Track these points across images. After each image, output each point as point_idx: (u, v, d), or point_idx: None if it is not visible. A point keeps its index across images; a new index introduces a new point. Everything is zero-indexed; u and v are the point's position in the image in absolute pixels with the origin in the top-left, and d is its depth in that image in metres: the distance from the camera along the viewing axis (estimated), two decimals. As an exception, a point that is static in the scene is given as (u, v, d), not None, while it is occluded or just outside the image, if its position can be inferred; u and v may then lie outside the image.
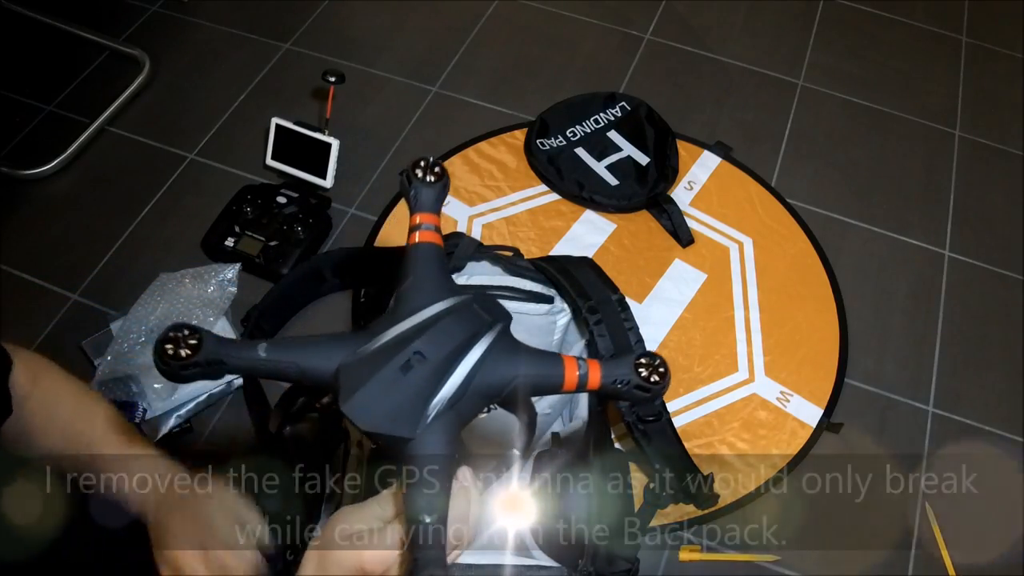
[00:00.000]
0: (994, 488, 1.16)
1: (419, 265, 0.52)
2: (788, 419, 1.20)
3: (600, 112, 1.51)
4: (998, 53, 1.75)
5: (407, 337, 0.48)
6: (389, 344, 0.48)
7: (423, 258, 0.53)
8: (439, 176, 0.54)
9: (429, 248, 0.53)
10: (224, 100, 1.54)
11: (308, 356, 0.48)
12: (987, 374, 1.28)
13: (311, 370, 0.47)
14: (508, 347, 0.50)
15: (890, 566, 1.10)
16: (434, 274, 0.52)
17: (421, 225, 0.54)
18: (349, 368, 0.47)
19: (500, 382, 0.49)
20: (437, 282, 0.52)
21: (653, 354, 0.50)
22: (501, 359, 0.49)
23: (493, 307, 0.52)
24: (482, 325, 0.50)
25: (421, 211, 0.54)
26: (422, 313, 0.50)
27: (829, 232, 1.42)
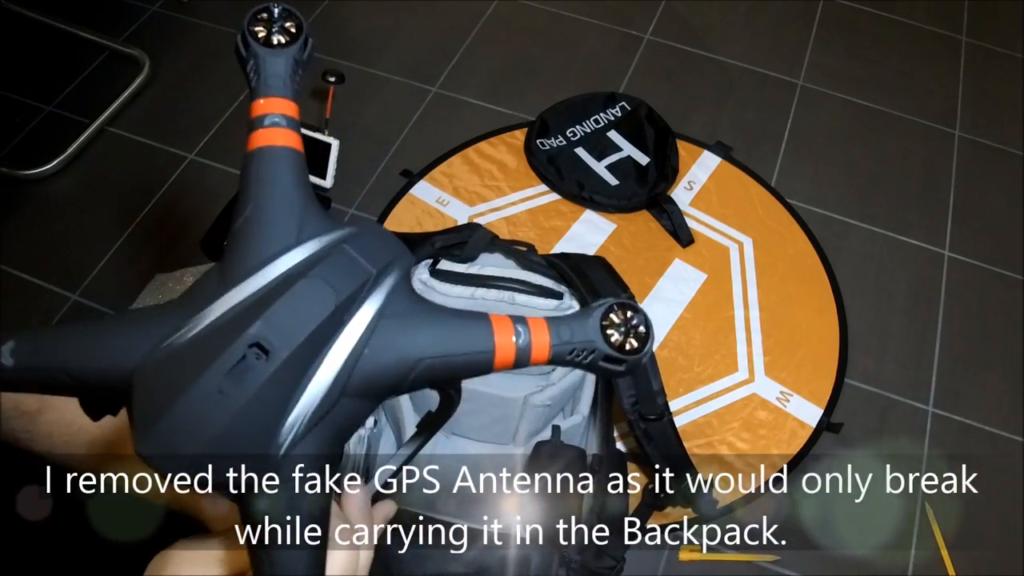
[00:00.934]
0: (994, 488, 1.16)
1: (263, 188, 0.34)
2: (788, 419, 1.20)
3: (600, 112, 1.51)
4: (998, 53, 1.75)
5: (239, 318, 0.31)
6: (211, 330, 0.31)
7: (270, 174, 0.34)
8: (293, 35, 0.35)
9: (279, 156, 0.34)
10: (224, 100, 1.54)
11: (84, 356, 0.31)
12: (987, 374, 1.28)
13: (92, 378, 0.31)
14: (402, 312, 0.33)
15: (890, 566, 1.10)
16: (286, 201, 0.34)
17: (265, 119, 0.34)
18: (148, 377, 0.30)
19: (394, 371, 0.33)
20: (290, 214, 0.34)
21: (627, 304, 0.34)
22: (393, 334, 0.33)
23: (378, 244, 0.35)
24: (359, 280, 0.33)
25: (266, 94, 0.34)
26: (265, 272, 0.32)
27: (829, 232, 1.42)
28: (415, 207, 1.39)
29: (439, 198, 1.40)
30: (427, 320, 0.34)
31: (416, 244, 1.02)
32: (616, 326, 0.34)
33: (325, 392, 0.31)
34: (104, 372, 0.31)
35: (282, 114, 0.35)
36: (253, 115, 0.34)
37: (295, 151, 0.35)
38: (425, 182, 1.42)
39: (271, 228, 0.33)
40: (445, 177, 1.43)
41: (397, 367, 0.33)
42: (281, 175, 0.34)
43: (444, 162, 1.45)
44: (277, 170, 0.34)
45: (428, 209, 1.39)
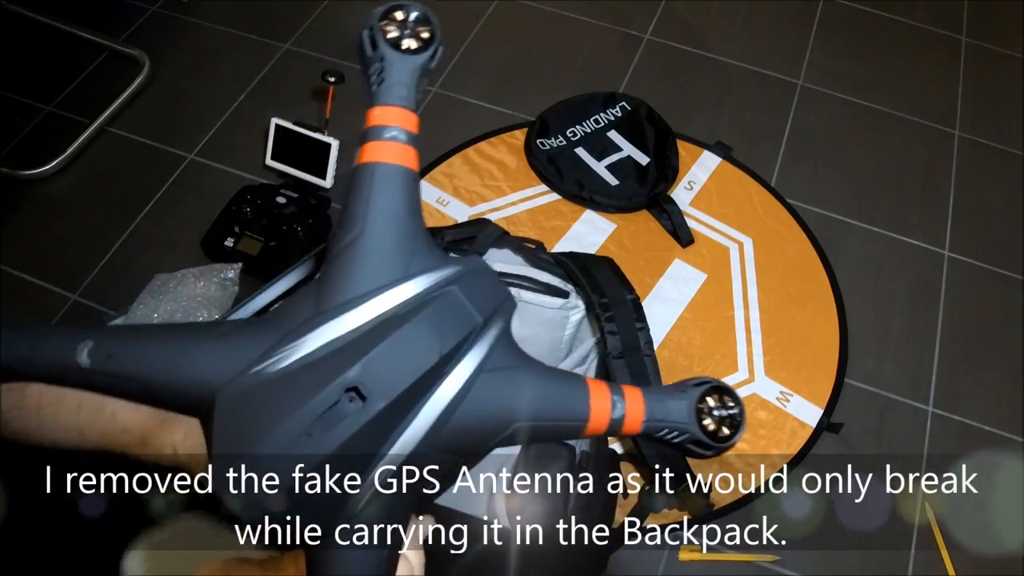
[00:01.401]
0: (994, 488, 1.16)
1: (376, 212, 0.30)
2: (788, 419, 1.19)
3: (600, 112, 1.51)
4: (998, 53, 1.75)
5: (336, 357, 0.28)
6: (305, 365, 0.28)
7: (384, 197, 0.30)
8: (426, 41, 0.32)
9: (395, 177, 0.31)
10: (224, 100, 1.54)
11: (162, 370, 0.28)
12: (987, 374, 1.28)
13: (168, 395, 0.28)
14: (503, 366, 0.30)
15: (890, 566, 1.10)
16: (397, 227, 0.31)
17: (385, 131, 0.32)
18: (231, 406, 0.27)
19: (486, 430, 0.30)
20: (401, 244, 0.30)
21: (724, 389, 0.33)
22: (491, 393, 0.30)
23: (486, 288, 0.31)
24: (467, 329, 0.30)
25: (387, 102, 0.32)
26: (368, 306, 0.29)
27: (829, 232, 1.42)
28: (415, 207, 1.39)
29: (439, 198, 1.40)
30: (526, 380, 0.31)
31: None
32: (711, 412, 0.32)
33: (415, 446, 0.28)
34: (183, 390, 0.28)
35: (402, 128, 0.32)
36: (371, 123, 0.32)
37: (411, 172, 0.32)
38: (425, 182, 1.42)
39: (379, 257, 0.30)
40: (445, 177, 1.43)
41: (491, 425, 0.30)
42: (396, 199, 0.31)
43: (444, 162, 1.45)
44: (392, 193, 0.31)
45: (428, 209, 1.39)
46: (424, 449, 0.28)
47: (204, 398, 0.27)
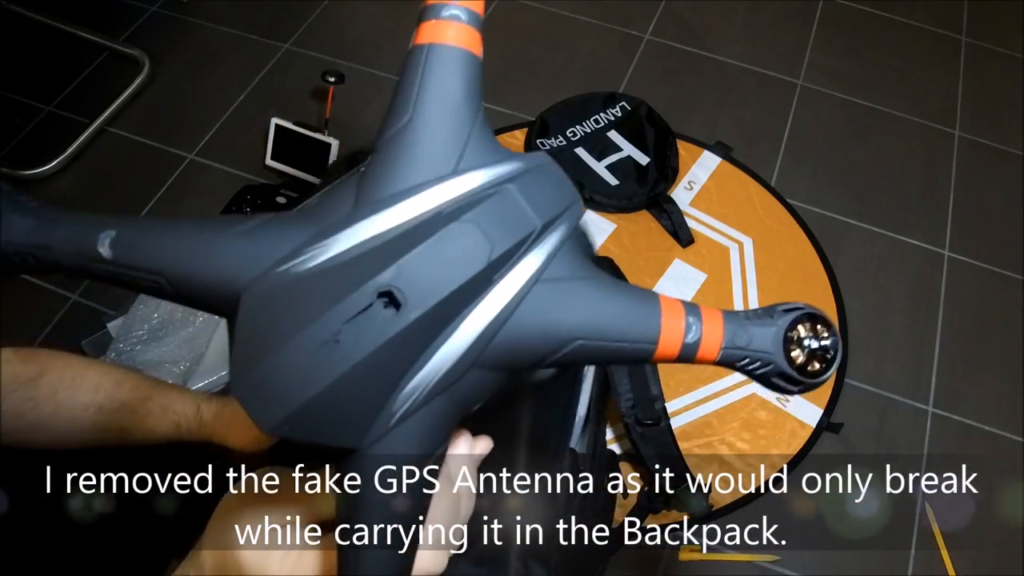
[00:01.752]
0: (994, 488, 1.16)
1: (427, 96, 0.28)
2: (788, 419, 1.20)
3: (600, 112, 1.51)
4: (998, 53, 1.75)
5: (371, 257, 0.26)
6: (336, 265, 0.26)
7: (438, 81, 0.28)
8: None
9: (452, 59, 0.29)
10: (224, 100, 1.54)
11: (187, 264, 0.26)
12: (987, 374, 1.28)
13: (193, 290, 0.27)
14: (564, 277, 0.27)
15: (890, 566, 1.10)
16: (453, 118, 0.28)
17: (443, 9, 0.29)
18: (256, 306, 0.25)
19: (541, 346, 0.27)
20: (455, 136, 0.28)
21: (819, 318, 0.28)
22: (548, 304, 0.27)
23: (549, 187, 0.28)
24: (522, 234, 0.27)
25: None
26: (411, 203, 0.26)
27: (829, 232, 1.42)
28: (415, 207, 1.39)
29: (439, 198, 1.40)
30: (590, 292, 0.28)
31: None
32: (801, 342, 0.28)
33: (456, 361, 0.26)
34: (208, 286, 0.26)
35: (464, 6, 0.29)
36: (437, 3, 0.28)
37: (473, 56, 0.29)
38: (425, 182, 1.42)
39: (429, 148, 0.27)
40: (445, 177, 1.43)
41: (545, 342, 0.27)
42: (451, 83, 0.28)
43: (444, 162, 1.45)
44: (448, 76, 0.28)
45: (428, 209, 1.39)
46: (466, 365, 0.26)
47: (230, 296, 0.26)
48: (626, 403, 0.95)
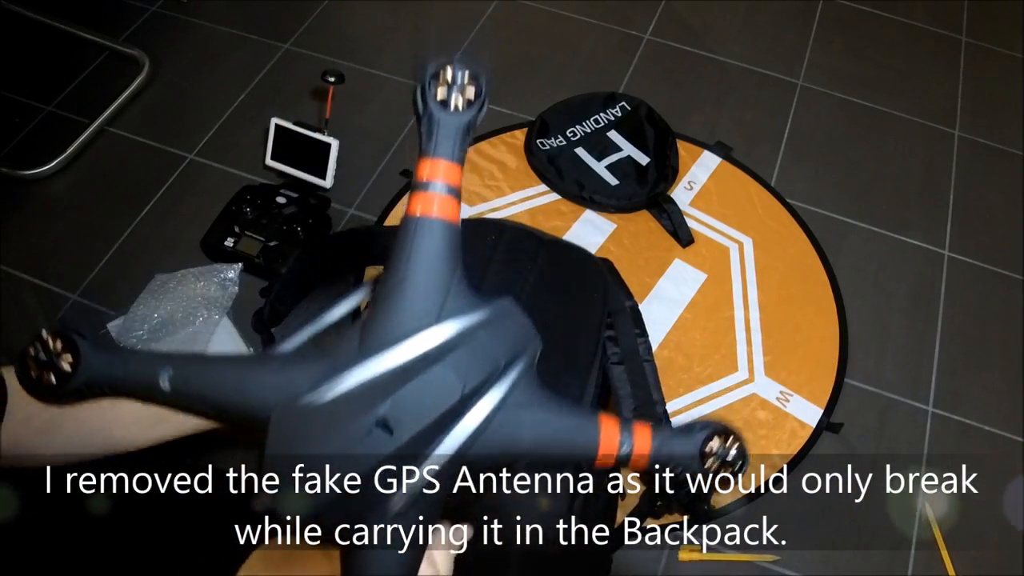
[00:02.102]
0: (994, 488, 1.16)
1: (416, 262, 0.35)
2: (788, 419, 1.20)
3: (600, 112, 1.51)
4: (998, 53, 1.75)
5: (372, 392, 0.33)
6: (345, 399, 0.33)
7: (424, 249, 0.35)
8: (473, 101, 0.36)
9: (436, 230, 0.35)
10: (224, 100, 1.54)
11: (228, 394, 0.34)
12: (987, 374, 1.28)
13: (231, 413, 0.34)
14: (522, 403, 0.35)
15: (890, 566, 1.10)
16: (435, 279, 0.35)
17: (430, 185, 0.35)
18: (283, 428, 0.32)
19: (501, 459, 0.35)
20: (437, 293, 0.34)
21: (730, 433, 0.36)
22: (508, 427, 0.34)
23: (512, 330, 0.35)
24: (487, 371, 0.34)
25: (434, 155, 0.36)
26: (403, 347, 0.33)
27: (829, 232, 1.42)
28: (415, 207, 1.39)
29: (439, 198, 1.40)
30: (541, 417, 0.35)
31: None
32: (716, 454, 0.36)
33: (436, 472, 0.33)
34: (244, 411, 0.33)
35: (447, 183, 0.36)
36: (419, 176, 0.36)
37: (452, 225, 0.36)
38: (425, 182, 1.42)
39: (415, 303, 0.34)
40: (445, 177, 1.43)
41: (504, 457, 0.35)
42: (435, 251, 0.35)
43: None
44: (432, 245, 0.35)
45: (428, 209, 1.39)
46: (444, 477, 0.33)
47: (262, 418, 0.32)
48: (627, 406, 0.95)
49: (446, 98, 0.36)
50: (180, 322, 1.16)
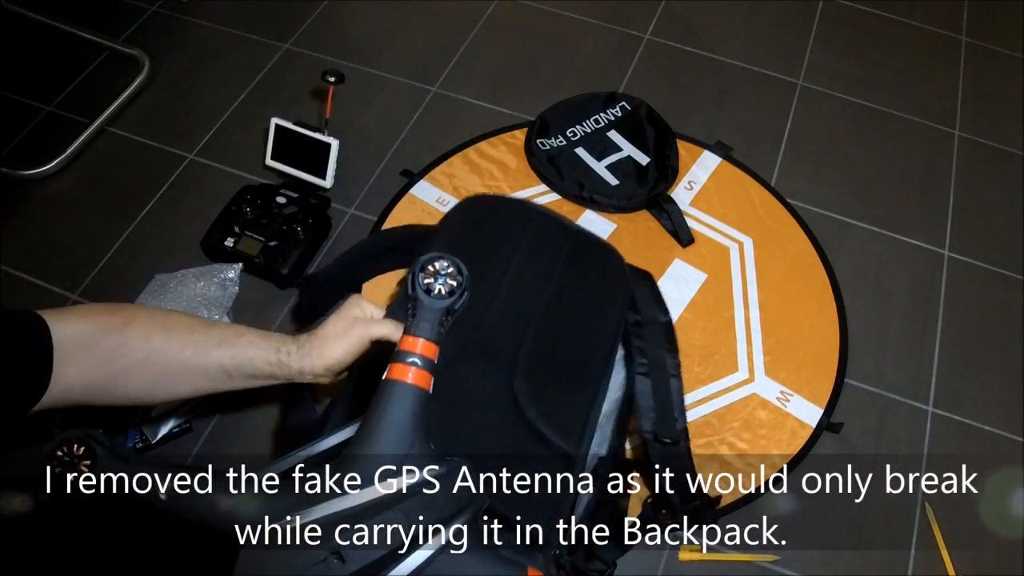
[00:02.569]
0: (994, 488, 1.16)
1: (388, 424, 0.42)
2: (788, 419, 1.20)
3: (600, 112, 1.51)
4: (998, 53, 1.75)
5: (331, 526, 0.40)
6: (311, 528, 0.40)
7: (396, 412, 0.42)
8: (453, 290, 0.43)
9: (408, 395, 0.43)
10: (224, 100, 1.54)
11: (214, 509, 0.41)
12: (987, 374, 1.28)
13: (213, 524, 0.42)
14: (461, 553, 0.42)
15: (890, 566, 1.10)
16: (402, 438, 0.42)
17: (409, 356, 0.43)
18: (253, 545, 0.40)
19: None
20: (401, 449, 0.42)
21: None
22: (446, 568, 0.41)
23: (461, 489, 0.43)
24: (434, 519, 0.41)
25: (416, 334, 0.43)
26: (365, 492, 0.41)
27: (829, 232, 1.42)
28: (415, 207, 1.39)
29: (439, 198, 1.40)
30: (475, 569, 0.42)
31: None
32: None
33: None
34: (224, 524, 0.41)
35: (424, 356, 0.43)
36: (401, 347, 0.43)
37: (423, 391, 0.43)
38: (425, 182, 1.43)
39: (382, 456, 0.42)
40: (445, 177, 1.43)
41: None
42: (406, 412, 0.42)
43: (444, 162, 1.45)
44: (404, 407, 0.42)
45: (428, 209, 1.39)
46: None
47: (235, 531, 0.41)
48: (647, 419, 0.95)
49: (430, 285, 0.43)
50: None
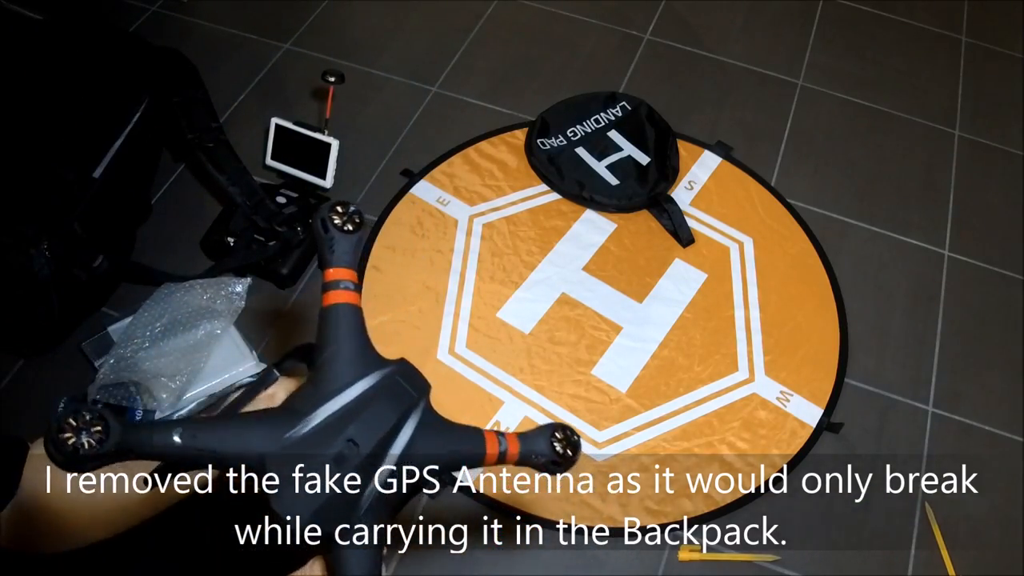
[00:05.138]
0: (994, 488, 1.16)
1: (340, 331, 0.50)
2: (788, 419, 1.20)
3: (600, 112, 1.51)
4: (998, 53, 1.75)
5: (338, 422, 0.47)
6: (318, 430, 0.46)
7: (344, 323, 0.50)
8: (358, 225, 0.51)
9: (349, 311, 0.50)
10: (224, 100, 1.54)
11: (228, 442, 0.45)
12: (987, 374, 1.28)
13: (233, 458, 0.45)
14: (432, 423, 0.50)
15: (890, 566, 1.10)
16: (356, 342, 0.50)
17: (340, 283, 0.50)
18: (277, 459, 0.45)
19: (427, 462, 0.48)
20: (360, 352, 0.50)
21: (567, 428, 0.51)
22: (428, 438, 0.49)
23: (414, 377, 0.51)
24: (408, 402, 0.49)
25: (338, 265, 0.51)
26: (349, 392, 0.48)
27: (829, 232, 1.42)
28: (416, 207, 1.39)
29: (440, 198, 1.40)
30: (447, 434, 0.50)
31: None
32: (560, 441, 0.51)
33: (390, 475, 0.47)
34: (242, 456, 0.45)
35: (350, 280, 0.50)
36: (328, 279, 0.50)
37: (357, 307, 0.51)
38: (426, 182, 1.42)
39: (346, 364, 0.49)
40: (445, 177, 1.43)
41: (424, 460, 0.48)
42: (351, 326, 0.50)
43: (444, 162, 1.45)
44: (348, 322, 0.50)
45: (429, 209, 1.39)
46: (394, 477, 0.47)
47: (257, 460, 0.45)
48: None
49: (342, 224, 0.51)
50: (181, 332, 1.16)
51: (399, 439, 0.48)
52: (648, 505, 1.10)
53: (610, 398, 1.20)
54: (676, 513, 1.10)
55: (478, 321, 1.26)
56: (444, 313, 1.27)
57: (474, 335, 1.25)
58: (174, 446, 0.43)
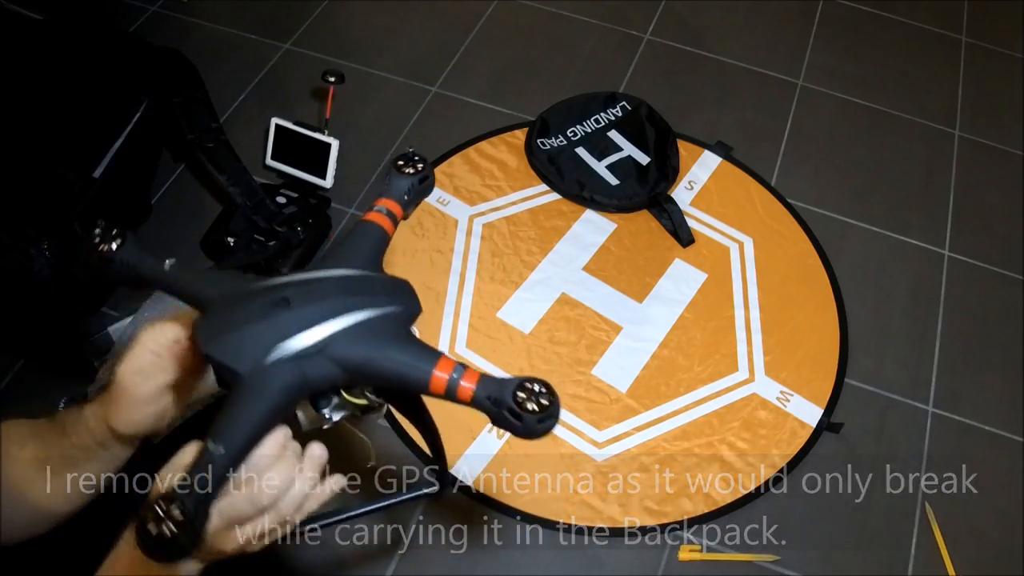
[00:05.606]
0: (994, 488, 1.16)
1: (354, 235, 0.56)
2: (788, 419, 1.20)
3: (601, 112, 1.51)
4: (998, 53, 1.75)
5: (286, 286, 0.50)
6: (269, 286, 0.50)
7: (360, 232, 0.56)
8: (417, 171, 0.59)
9: (371, 226, 0.56)
10: (224, 100, 1.54)
11: (201, 282, 0.52)
12: (987, 374, 1.28)
13: (198, 293, 0.52)
14: (386, 330, 0.49)
15: (890, 566, 1.10)
16: (360, 247, 0.55)
17: (375, 207, 0.58)
18: (225, 297, 0.50)
19: (356, 357, 0.47)
20: (357, 254, 0.54)
21: (543, 382, 0.45)
22: (370, 337, 0.48)
23: (402, 294, 0.52)
24: (372, 303, 0.49)
25: (387, 197, 0.58)
26: (319, 272, 0.52)
27: (829, 232, 1.42)
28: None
29: (440, 197, 1.40)
30: (402, 343, 0.48)
31: None
32: (526, 391, 0.45)
33: (309, 345, 0.47)
34: (205, 292, 0.51)
35: (389, 210, 0.57)
36: (375, 204, 0.57)
37: (384, 230, 0.57)
38: (425, 182, 1.42)
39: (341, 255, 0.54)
40: (446, 176, 1.43)
41: (357, 355, 0.47)
42: (367, 235, 0.56)
43: (445, 161, 1.46)
44: (366, 233, 0.56)
45: (429, 208, 1.39)
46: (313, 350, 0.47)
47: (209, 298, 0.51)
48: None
49: (403, 167, 0.59)
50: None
51: (337, 320, 0.47)
52: (648, 505, 1.10)
53: (610, 398, 1.20)
54: (676, 513, 1.10)
55: (478, 321, 1.26)
56: (444, 313, 1.27)
57: (474, 335, 1.25)
58: (162, 272, 0.52)
